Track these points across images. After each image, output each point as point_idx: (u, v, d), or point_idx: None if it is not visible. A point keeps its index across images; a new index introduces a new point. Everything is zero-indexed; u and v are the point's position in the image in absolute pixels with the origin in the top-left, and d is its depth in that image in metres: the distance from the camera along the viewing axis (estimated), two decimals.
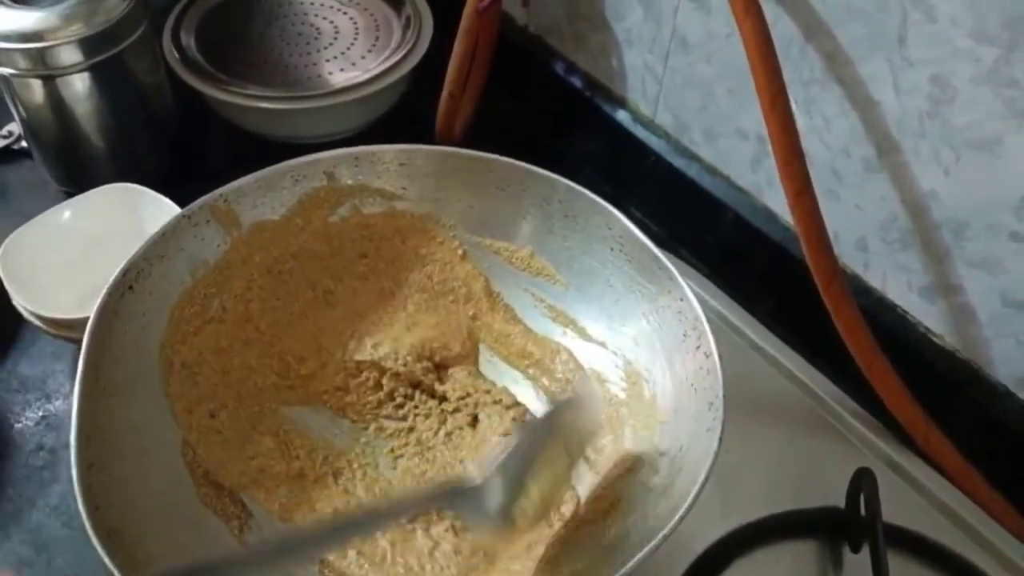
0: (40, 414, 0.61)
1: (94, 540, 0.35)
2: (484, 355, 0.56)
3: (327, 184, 0.53)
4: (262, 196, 0.51)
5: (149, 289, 0.46)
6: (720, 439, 0.40)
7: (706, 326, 0.45)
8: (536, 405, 0.53)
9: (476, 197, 0.54)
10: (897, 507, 0.52)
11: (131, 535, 0.37)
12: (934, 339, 0.59)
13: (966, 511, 0.54)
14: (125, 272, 0.45)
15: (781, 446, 0.57)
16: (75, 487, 0.37)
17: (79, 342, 0.43)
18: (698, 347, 0.45)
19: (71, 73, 0.66)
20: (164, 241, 0.47)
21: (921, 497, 0.55)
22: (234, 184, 0.50)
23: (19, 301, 0.60)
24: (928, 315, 0.59)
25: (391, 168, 0.53)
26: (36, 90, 0.67)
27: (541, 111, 0.83)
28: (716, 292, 0.66)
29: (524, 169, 0.53)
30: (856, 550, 0.51)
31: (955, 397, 0.58)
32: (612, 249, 0.51)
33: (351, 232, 0.54)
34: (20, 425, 0.60)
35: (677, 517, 0.38)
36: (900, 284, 0.60)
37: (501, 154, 0.54)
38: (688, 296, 0.46)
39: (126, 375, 0.44)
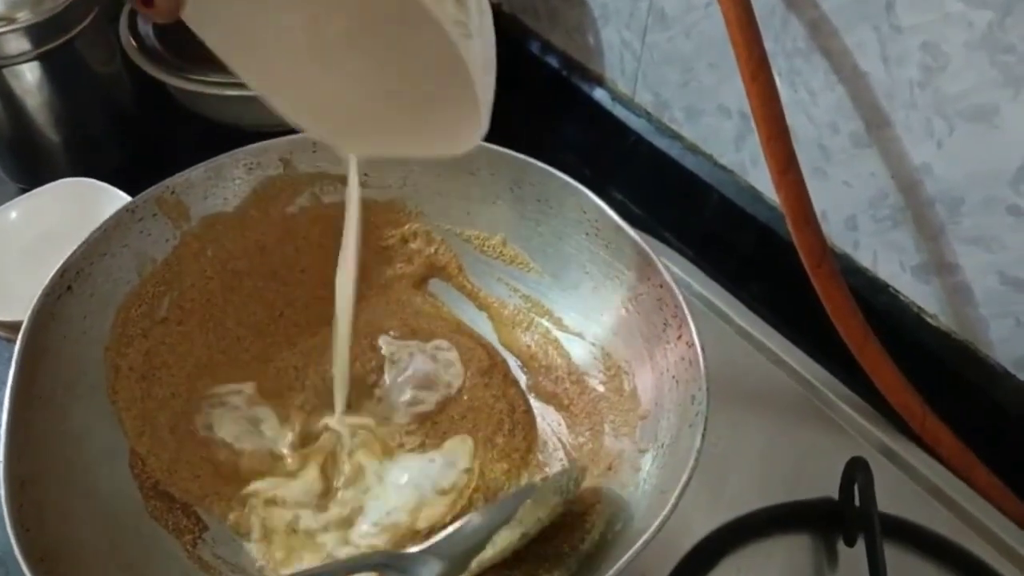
0: None
1: (23, 565, 0.33)
2: None
3: (283, 172, 0.50)
4: (213, 186, 0.48)
5: (90, 290, 0.43)
6: (703, 435, 0.38)
7: (687, 314, 0.42)
8: None
9: (444, 182, 0.51)
10: (893, 496, 0.50)
11: (69, 556, 0.35)
12: (928, 320, 0.57)
13: (964, 498, 0.52)
14: (63, 272, 0.42)
15: (771, 436, 0.55)
16: (3, 507, 0.34)
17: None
18: (679, 336, 0.42)
19: (19, 63, 0.63)
20: (106, 237, 0.44)
21: (917, 485, 0.53)
22: (182, 174, 0.47)
23: None
24: (922, 295, 0.57)
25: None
26: None
27: (516, 92, 0.80)
28: (700, 276, 0.63)
29: (493, 151, 0.50)
30: (851, 543, 0.49)
31: (951, 380, 0.56)
32: (588, 234, 0.48)
33: (312, 223, 0.51)
34: None
35: (659, 520, 0.35)
36: (892, 263, 0.58)
37: None
38: (668, 282, 0.44)
39: (65, 382, 0.41)
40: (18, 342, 0.39)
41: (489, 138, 0.52)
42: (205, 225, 0.48)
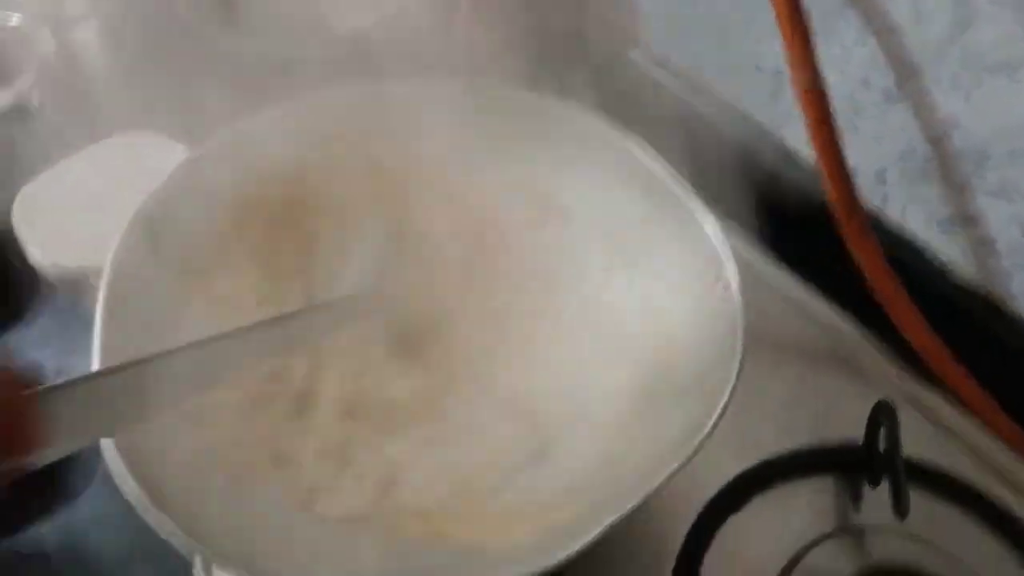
0: (58, 366, 0.61)
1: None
2: None
3: (345, 124, 0.52)
4: (275, 134, 0.50)
5: (166, 231, 0.46)
6: (740, 365, 0.40)
7: (727, 254, 0.45)
8: None
9: (485, 129, 0.53)
10: (918, 442, 0.52)
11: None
12: (953, 273, 0.59)
13: (989, 445, 0.54)
14: (140, 213, 0.45)
15: (798, 384, 0.56)
16: None
17: (96, 291, 0.43)
18: (718, 278, 0.45)
19: (82, 21, 0.66)
20: (178, 182, 0.47)
21: (942, 432, 0.54)
22: (245, 122, 0.49)
23: (35, 252, 0.60)
24: (947, 248, 0.58)
25: (397, 107, 0.52)
26: (47, 40, 0.67)
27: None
28: (732, 232, 0.65)
29: (531, 97, 0.52)
30: (875, 483, 0.51)
31: (976, 332, 0.57)
32: (628, 178, 0.50)
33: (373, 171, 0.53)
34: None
35: (694, 446, 0.38)
36: (919, 217, 0.59)
37: None
38: (709, 223, 0.46)
39: (148, 320, 0.43)
40: (102, 287, 0.41)
41: None
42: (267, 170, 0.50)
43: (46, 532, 0.54)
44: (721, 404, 0.38)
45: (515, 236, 0.54)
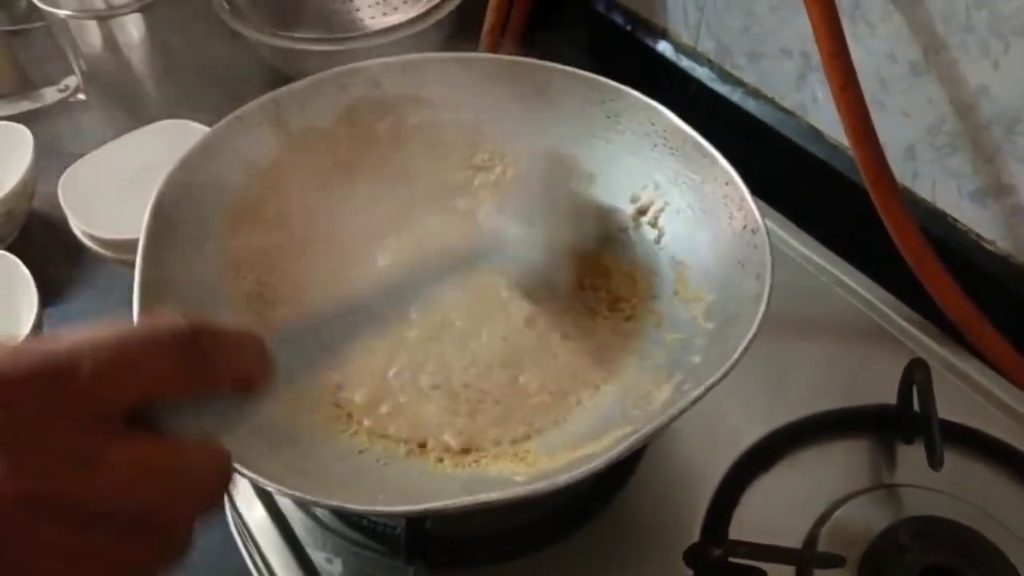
0: None
1: None
2: None
3: (373, 93, 0.53)
4: (311, 102, 0.52)
5: (203, 182, 0.47)
6: (767, 299, 0.40)
7: (752, 203, 0.45)
8: None
9: (518, 104, 0.54)
10: (951, 405, 0.51)
11: None
12: (986, 246, 0.58)
13: (1022, 405, 0.53)
14: (183, 162, 0.46)
15: (830, 350, 0.56)
16: None
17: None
18: (744, 226, 0.45)
19: (124, 14, 0.69)
20: (218, 140, 0.48)
21: (975, 394, 0.54)
22: (284, 89, 0.51)
23: (78, 226, 0.62)
24: (979, 221, 0.58)
25: (436, 77, 0.54)
26: (92, 32, 0.70)
27: (582, 49, 0.83)
28: (765, 210, 0.65)
29: (564, 71, 0.53)
30: (909, 441, 0.50)
31: (1010, 304, 0.57)
32: (656, 145, 0.51)
33: (396, 141, 0.54)
34: None
35: (726, 367, 0.38)
36: (950, 191, 0.59)
37: None
38: (734, 178, 0.46)
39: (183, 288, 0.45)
40: (138, 257, 0.43)
41: None
42: (302, 136, 0.52)
43: None
44: (746, 340, 0.38)
45: None
